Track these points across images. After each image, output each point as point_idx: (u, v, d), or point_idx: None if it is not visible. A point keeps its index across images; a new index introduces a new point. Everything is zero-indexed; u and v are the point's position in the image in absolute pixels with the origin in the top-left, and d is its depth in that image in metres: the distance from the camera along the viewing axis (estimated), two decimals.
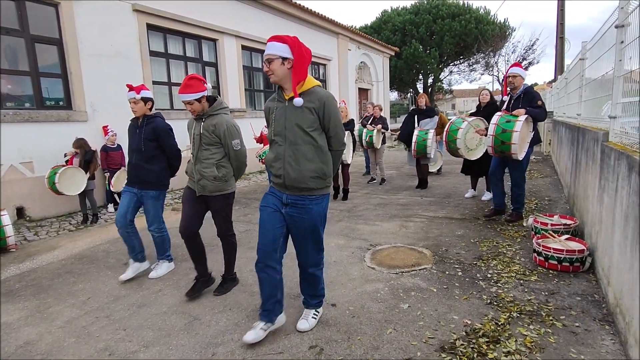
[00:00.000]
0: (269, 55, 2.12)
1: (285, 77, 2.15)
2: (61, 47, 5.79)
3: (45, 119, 5.56)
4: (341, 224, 4.85)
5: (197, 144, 2.83)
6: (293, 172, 2.17)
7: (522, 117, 3.95)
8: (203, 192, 2.85)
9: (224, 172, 2.85)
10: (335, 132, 2.25)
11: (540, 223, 3.69)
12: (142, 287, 3.24)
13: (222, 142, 2.82)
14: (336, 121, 2.22)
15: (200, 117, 2.82)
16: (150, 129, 3.21)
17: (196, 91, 2.73)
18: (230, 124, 2.82)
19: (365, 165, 8.72)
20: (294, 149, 2.17)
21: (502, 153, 4.13)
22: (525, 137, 4.14)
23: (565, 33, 12.93)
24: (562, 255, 3.02)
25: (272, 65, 2.12)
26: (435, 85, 26.71)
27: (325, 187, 2.28)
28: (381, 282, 3.06)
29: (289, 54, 2.13)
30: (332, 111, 2.19)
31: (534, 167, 8.43)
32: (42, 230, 5.18)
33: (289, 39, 2.16)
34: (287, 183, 2.20)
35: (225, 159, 2.88)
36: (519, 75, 4.29)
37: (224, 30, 8.62)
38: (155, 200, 3.33)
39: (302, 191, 2.21)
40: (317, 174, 2.20)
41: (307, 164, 2.17)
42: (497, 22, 22.60)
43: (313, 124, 2.16)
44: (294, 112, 2.15)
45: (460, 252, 3.64)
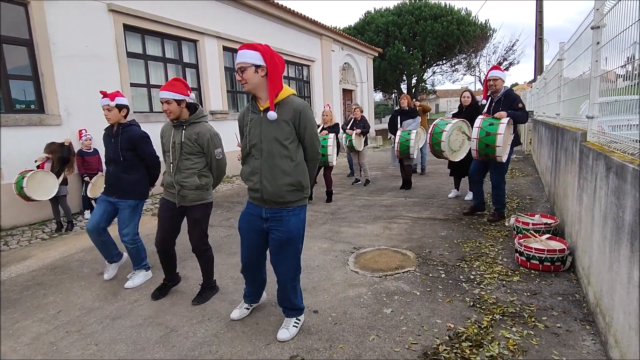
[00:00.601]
0: (241, 63, 2.05)
1: (260, 85, 2.09)
2: (32, 48, 5.56)
3: (15, 123, 5.32)
4: (325, 226, 4.79)
5: (177, 153, 2.72)
6: (270, 187, 2.12)
7: (504, 119, 3.97)
8: (183, 202, 2.75)
9: (206, 180, 2.78)
10: (312, 142, 2.20)
11: (522, 223, 3.71)
12: (117, 298, 3.11)
13: (204, 151, 2.73)
14: (312, 131, 2.17)
15: (181, 125, 2.71)
16: (127, 137, 3.09)
17: (178, 92, 2.64)
18: (214, 133, 2.75)
19: (349, 166, 8.69)
20: (270, 163, 2.11)
21: (487, 156, 4.14)
22: (506, 140, 4.17)
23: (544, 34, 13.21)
24: (544, 255, 3.03)
25: (246, 74, 2.06)
26: (419, 86, 26.95)
27: (303, 198, 2.23)
28: (364, 287, 3.01)
29: (261, 62, 2.07)
30: (308, 121, 2.14)
31: (515, 166, 8.55)
32: (13, 240, 4.96)
33: (260, 47, 2.10)
34: (265, 197, 2.15)
35: (207, 168, 2.79)
36: (499, 78, 4.31)
37: (205, 31, 8.47)
38: (132, 211, 3.21)
39: (280, 204, 2.16)
40: (295, 187, 2.15)
41: (284, 178, 2.11)
42: (478, 24, 22.97)
43: (289, 135, 2.11)
44: (270, 124, 2.09)
45: (443, 253, 3.63)
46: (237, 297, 2.94)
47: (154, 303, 2.97)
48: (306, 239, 4.29)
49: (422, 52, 22.90)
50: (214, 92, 8.93)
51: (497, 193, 4.47)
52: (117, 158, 3.08)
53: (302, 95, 13.13)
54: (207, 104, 8.75)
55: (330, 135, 5.78)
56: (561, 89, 4.85)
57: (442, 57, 24.55)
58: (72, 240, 4.88)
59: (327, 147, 5.66)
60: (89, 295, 3.19)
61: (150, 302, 2.99)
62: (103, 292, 3.23)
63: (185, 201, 2.75)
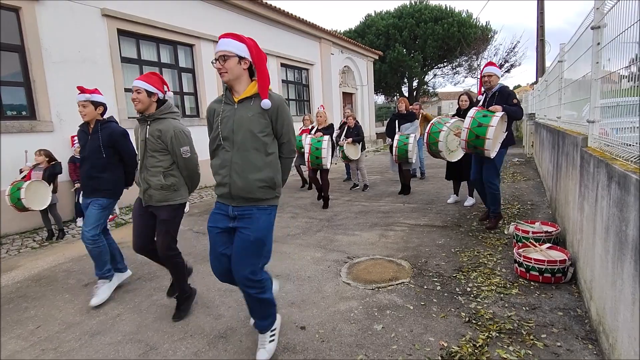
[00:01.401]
0: (225, 51, 1.94)
1: (239, 77, 2.00)
2: (23, 54, 5.49)
3: (5, 130, 5.25)
4: (319, 234, 4.67)
5: (142, 150, 2.62)
6: (240, 181, 1.99)
7: (499, 112, 3.87)
8: (150, 202, 2.64)
9: (173, 180, 2.63)
10: (288, 138, 2.10)
11: (522, 231, 3.56)
12: (99, 312, 2.99)
13: (168, 149, 2.60)
14: (289, 127, 2.08)
15: (146, 120, 2.61)
16: (107, 134, 2.99)
17: (151, 84, 2.56)
18: (179, 130, 2.60)
19: (346, 171, 8.58)
20: (242, 156, 1.99)
21: (475, 149, 4.01)
22: (498, 136, 4.04)
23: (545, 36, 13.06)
24: (544, 266, 2.89)
25: (228, 63, 1.94)
26: (421, 89, 26.81)
27: (275, 197, 2.11)
28: (356, 300, 2.88)
29: (246, 54, 1.98)
30: (286, 116, 2.05)
31: (517, 170, 8.40)
32: (2, 249, 4.86)
33: (248, 40, 2.01)
34: (233, 192, 2.01)
35: (175, 166, 2.66)
36: (494, 74, 4.23)
37: (201, 36, 8.39)
38: (100, 209, 3.04)
39: (249, 201, 2.03)
40: (267, 183, 2.03)
41: (256, 173, 1.99)
42: (479, 26, 22.84)
43: (265, 128, 2.00)
44: (245, 115, 1.98)
45: (440, 263, 3.49)
46: (223, 311, 2.82)
47: (138, 317, 2.86)
48: (299, 248, 4.21)
49: (423, 54, 22.79)
50: (211, 96, 8.83)
51: (491, 189, 4.25)
52: (96, 155, 2.97)
53: (302, 99, 13.06)
54: (204, 108, 8.66)
55: (325, 137, 5.66)
56: (562, 92, 4.72)
57: (443, 60, 24.41)
58: (62, 249, 4.78)
59: (322, 149, 5.54)
60: (70, 309, 3.08)
61: (133, 317, 2.87)
62: (85, 305, 3.11)
63: (152, 201, 2.63)
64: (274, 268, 3.61)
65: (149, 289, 3.35)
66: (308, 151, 5.64)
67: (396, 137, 6.28)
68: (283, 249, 4.17)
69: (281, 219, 5.56)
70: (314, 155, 5.60)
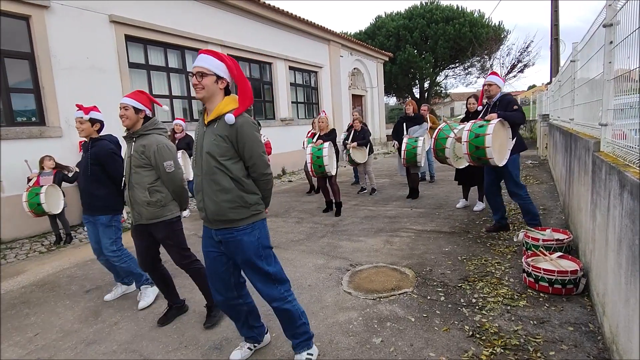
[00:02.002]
0: (203, 68, 1.89)
1: (214, 96, 1.94)
2: (33, 62, 5.58)
3: (15, 136, 5.34)
4: (323, 240, 4.59)
5: (127, 167, 2.60)
6: (212, 205, 1.95)
7: (493, 120, 3.74)
8: (140, 220, 2.61)
9: (159, 196, 2.59)
10: (253, 161, 1.95)
11: (532, 238, 3.42)
12: (97, 320, 2.98)
13: (152, 164, 2.57)
14: (252, 149, 1.93)
15: (131, 137, 2.60)
16: (94, 152, 2.98)
17: (139, 101, 2.56)
18: (162, 144, 2.57)
19: (354, 175, 8.48)
20: (209, 180, 1.94)
21: (479, 160, 3.87)
22: (504, 144, 3.90)
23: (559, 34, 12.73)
24: (554, 277, 2.75)
25: (205, 80, 1.89)
26: (432, 90, 26.50)
27: (252, 215, 2.00)
28: (356, 311, 2.79)
29: (225, 75, 1.94)
30: (247, 137, 1.91)
31: (530, 173, 8.17)
32: (11, 253, 4.93)
33: (228, 60, 1.96)
34: (209, 217, 1.99)
35: (159, 182, 2.62)
36: (494, 83, 4.15)
37: (209, 40, 8.43)
38: (105, 227, 3.07)
39: (225, 223, 1.98)
40: (237, 203, 1.95)
41: (224, 195, 1.93)
42: (492, 25, 22.46)
43: (226, 152, 1.91)
44: (208, 140, 1.93)
45: (445, 272, 3.37)
46: (223, 322, 2.76)
47: (134, 326, 2.83)
48: (302, 254, 4.13)
49: (434, 55, 22.52)
50: None
51: (519, 202, 4.11)
52: (86, 172, 2.98)
53: (310, 102, 13.01)
54: None
55: (325, 144, 5.57)
56: (574, 92, 4.54)
57: (455, 60, 24.08)
58: (68, 254, 4.82)
59: (323, 157, 5.46)
60: (70, 316, 3.07)
61: (130, 325, 2.85)
62: (85, 312, 3.10)
63: (142, 219, 2.60)
64: None
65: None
66: (310, 161, 5.57)
67: (405, 140, 6.16)
68: (286, 256, 4.11)
69: (286, 223, 5.50)
70: (316, 164, 5.53)
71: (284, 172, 11.03)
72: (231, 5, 8.97)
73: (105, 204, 3.04)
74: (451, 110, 50.38)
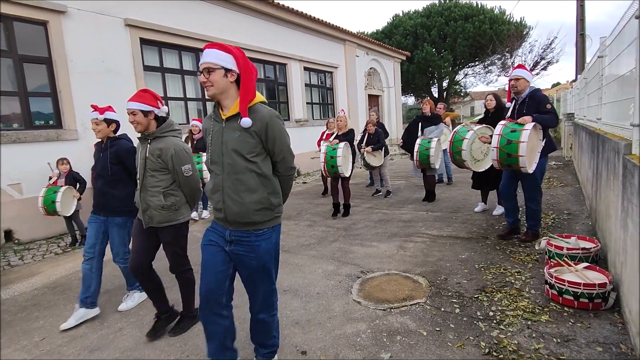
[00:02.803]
0: (209, 64, 1.78)
1: (226, 91, 1.83)
2: (50, 66, 5.68)
3: (33, 139, 5.44)
4: (335, 245, 4.46)
5: (141, 170, 2.54)
6: (234, 206, 1.83)
7: (528, 125, 3.49)
8: (151, 223, 2.55)
9: (173, 200, 2.54)
10: (282, 156, 1.90)
11: (555, 246, 3.20)
12: (103, 325, 2.95)
13: (169, 168, 2.51)
14: (282, 143, 1.87)
15: (146, 139, 2.54)
16: (114, 151, 2.96)
17: (145, 102, 2.48)
18: (180, 148, 2.51)
19: (370, 176, 8.32)
20: (233, 179, 1.83)
21: (510, 167, 3.67)
22: (535, 148, 3.67)
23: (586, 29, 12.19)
24: (579, 290, 2.54)
25: (214, 76, 1.79)
26: (451, 89, 25.95)
27: (274, 218, 1.93)
28: (364, 322, 2.66)
29: (233, 66, 1.82)
30: (277, 132, 1.84)
31: (553, 175, 7.81)
32: (29, 254, 5.02)
33: (235, 50, 1.85)
34: (229, 218, 1.86)
35: (175, 185, 2.57)
36: (522, 77, 3.82)
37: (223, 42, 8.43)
38: (120, 228, 3.06)
39: (247, 226, 1.87)
40: (263, 205, 1.85)
41: (250, 196, 1.83)
42: (513, 22, 21.80)
43: (254, 148, 1.82)
44: (232, 135, 1.82)
45: (461, 281, 3.19)
46: None
47: (139, 332, 2.78)
48: (312, 260, 4.03)
49: (453, 54, 22.04)
50: None
51: (532, 207, 3.95)
52: (105, 172, 2.95)
53: (325, 103, 12.90)
54: None
55: (340, 144, 5.44)
56: (602, 90, 4.27)
57: (475, 59, 23.50)
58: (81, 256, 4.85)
59: (337, 157, 5.33)
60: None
61: (133, 332, 2.80)
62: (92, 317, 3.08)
63: (152, 222, 2.54)
64: (283, 282, 3.45)
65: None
66: (323, 160, 5.44)
67: (418, 141, 5.98)
68: (295, 261, 4.01)
69: (297, 227, 5.41)
70: (329, 164, 5.40)
71: (299, 173, 10.96)
72: (245, 7, 8.96)
73: (123, 205, 3.00)
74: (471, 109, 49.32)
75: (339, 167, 5.34)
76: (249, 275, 1.93)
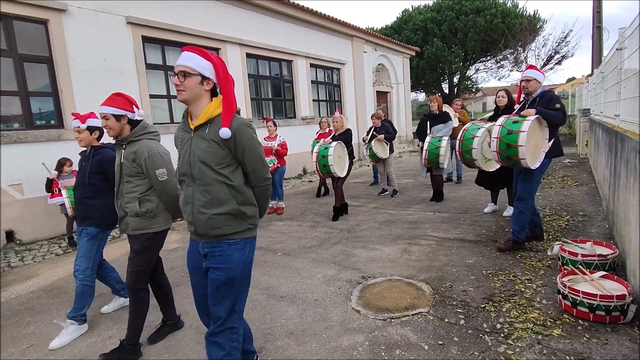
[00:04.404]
0: (186, 67, 1.67)
1: (198, 99, 1.71)
2: (51, 65, 5.64)
3: (34, 139, 5.41)
4: (337, 247, 4.32)
5: (118, 176, 2.43)
6: (204, 218, 1.71)
7: (531, 116, 3.29)
8: (126, 230, 2.43)
9: (149, 206, 2.39)
10: (253, 167, 1.76)
11: (568, 252, 3.00)
12: (92, 333, 2.86)
13: (144, 173, 2.37)
14: (252, 153, 1.73)
15: (121, 144, 2.42)
16: (96, 160, 2.80)
17: (117, 106, 2.37)
18: (154, 151, 2.37)
19: (374, 174, 8.14)
20: (202, 191, 1.71)
21: (510, 159, 3.44)
22: (539, 145, 3.45)
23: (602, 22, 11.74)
24: (595, 302, 2.35)
25: (189, 81, 1.67)
26: (462, 84, 25.46)
27: (248, 229, 1.78)
28: (362, 333, 2.51)
29: (211, 75, 1.71)
30: (246, 141, 1.71)
31: (567, 173, 7.51)
32: (29, 255, 4.99)
33: (215, 58, 1.73)
34: (199, 231, 1.75)
35: (152, 191, 2.42)
36: (533, 78, 3.59)
37: (227, 39, 8.34)
38: (91, 239, 2.82)
39: (218, 237, 1.74)
40: (235, 215, 1.73)
41: (220, 208, 1.70)
42: (526, 15, 21.23)
43: (223, 159, 1.69)
44: (200, 145, 1.70)
45: (467, 289, 3.01)
46: None
47: None
48: (312, 263, 3.88)
49: (464, 48, 21.58)
50: (238, 100, 8.31)
51: (519, 207, 3.61)
52: (84, 182, 2.81)
53: (333, 100, 12.71)
54: None
55: (332, 143, 5.28)
56: (621, 85, 4.01)
57: (486, 53, 22.99)
58: None
59: (328, 157, 5.17)
60: None
61: None
62: None
63: (128, 229, 2.42)
64: (280, 287, 3.32)
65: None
66: (315, 159, 5.29)
67: (427, 139, 5.79)
68: (295, 264, 3.88)
69: (300, 227, 5.28)
70: (321, 163, 5.24)
71: (305, 172, 10.83)
72: (249, 3, 8.82)
73: (99, 215, 2.83)
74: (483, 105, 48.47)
75: (331, 166, 5.19)
76: (215, 289, 1.75)
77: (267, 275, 3.65)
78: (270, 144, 5.97)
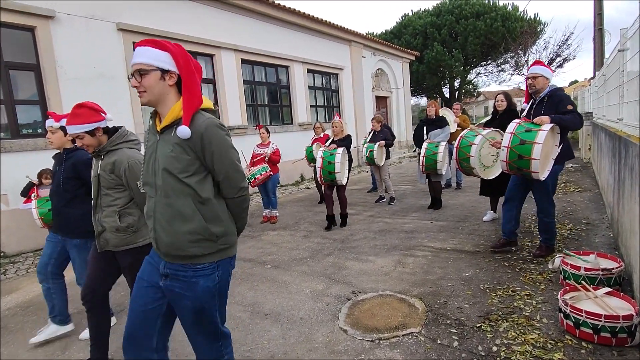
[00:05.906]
0: (141, 64, 1.47)
1: (163, 96, 1.52)
2: (39, 73, 5.53)
3: (20, 149, 5.28)
4: (328, 259, 4.13)
5: (95, 189, 2.25)
6: (166, 236, 1.52)
7: (546, 125, 3.09)
8: (106, 246, 2.25)
9: (130, 221, 2.22)
10: (225, 174, 1.54)
11: (571, 266, 2.81)
12: (64, 354, 2.69)
13: (124, 185, 2.21)
14: (224, 159, 1.53)
15: (98, 154, 2.24)
16: (70, 164, 2.65)
17: (87, 122, 2.17)
18: (134, 161, 2.19)
19: (372, 181, 7.96)
20: (164, 204, 1.51)
21: (520, 170, 3.27)
22: (549, 153, 3.27)
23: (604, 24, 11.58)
24: (600, 322, 2.16)
25: (147, 80, 1.47)
26: (463, 89, 25.30)
27: (219, 251, 1.57)
28: (348, 356, 2.32)
29: (172, 67, 1.51)
30: (216, 145, 1.50)
31: (570, 178, 7.31)
32: (13, 268, 4.84)
33: (172, 46, 1.53)
34: (161, 249, 1.55)
35: (133, 204, 2.25)
36: (540, 75, 3.40)
37: (221, 45, 8.23)
38: (80, 250, 2.75)
39: (183, 259, 1.54)
40: (201, 236, 1.52)
41: (184, 225, 1.50)
42: (526, 18, 21.09)
43: (189, 167, 1.49)
44: (164, 150, 1.51)
45: (463, 305, 2.82)
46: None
47: None
48: (301, 277, 3.70)
49: (464, 52, 21.45)
50: (233, 106, 8.65)
51: (544, 219, 3.56)
52: (59, 189, 2.65)
53: (331, 105, 12.57)
54: (226, 119, 8.49)
55: (339, 149, 5.10)
56: (623, 88, 3.84)
57: (487, 57, 22.84)
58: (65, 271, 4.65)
59: (335, 163, 4.99)
60: (39, 348, 2.80)
61: None
62: (54, 345, 2.83)
63: (108, 246, 2.24)
64: (265, 304, 3.15)
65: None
66: (320, 165, 5.10)
67: (424, 145, 5.63)
68: (283, 278, 3.70)
69: (293, 238, 5.10)
70: (326, 170, 5.05)
71: (302, 178, 10.67)
72: (242, 8, 8.71)
73: (80, 225, 2.67)
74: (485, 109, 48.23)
75: (337, 173, 5.00)
76: (185, 318, 1.58)
77: (254, 290, 3.47)
78: (263, 151, 5.82)
